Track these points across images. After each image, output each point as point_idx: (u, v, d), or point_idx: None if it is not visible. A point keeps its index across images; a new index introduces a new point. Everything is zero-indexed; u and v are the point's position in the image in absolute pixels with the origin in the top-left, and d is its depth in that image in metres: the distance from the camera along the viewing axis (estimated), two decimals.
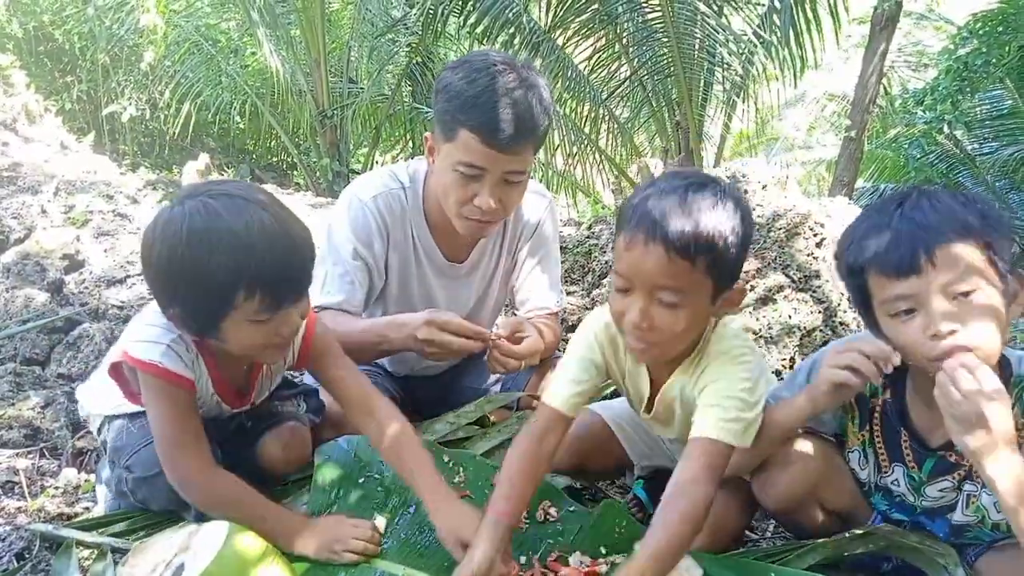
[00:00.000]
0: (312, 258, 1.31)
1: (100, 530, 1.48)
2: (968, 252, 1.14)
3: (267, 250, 1.20)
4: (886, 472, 1.37)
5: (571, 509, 1.51)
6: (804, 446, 1.39)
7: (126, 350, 1.37)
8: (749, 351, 1.32)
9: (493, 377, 1.98)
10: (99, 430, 1.59)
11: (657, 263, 1.16)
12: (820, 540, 1.40)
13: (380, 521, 1.44)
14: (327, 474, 1.54)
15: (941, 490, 1.31)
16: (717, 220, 1.17)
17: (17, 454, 1.89)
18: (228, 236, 1.19)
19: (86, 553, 1.44)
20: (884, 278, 1.18)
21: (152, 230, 1.24)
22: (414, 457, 1.40)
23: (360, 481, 1.53)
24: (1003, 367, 1.23)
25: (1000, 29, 7.25)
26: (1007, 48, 7.51)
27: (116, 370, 1.45)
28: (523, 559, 1.38)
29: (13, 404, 2.09)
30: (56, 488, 1.75)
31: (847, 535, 1.38)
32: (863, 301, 1.25)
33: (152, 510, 1.50)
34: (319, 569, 1.35)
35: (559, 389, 1.37)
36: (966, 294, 1.13)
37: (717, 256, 1.17)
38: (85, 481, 1.78)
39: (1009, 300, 1.17)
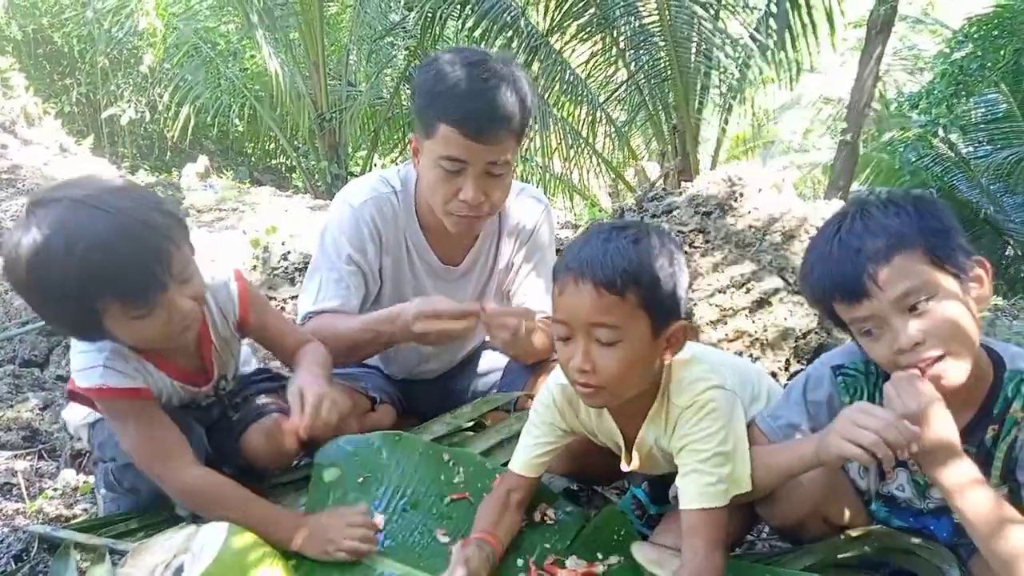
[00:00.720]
0: (168, 244, 1.22)
1: (99, 532, 1.48)
2: (909, 262, 1.16)
3: (106, 257, 1.15)
4: (890, 479, 1.37)
5: (568, 511, 1.52)
6: None
7: (73, 380, 1.38)
8: (713, 393, 1.29)
9: (491, 379, 1.99)
10: (88, 439, 1.61)
11: (589, 301, 1.18)
12: (815, 544, 1.40)
13: (379, 519, 1.45)
14: (327, 474, 1.54)
15: None
16: (640, 253, 1.19)
17: (16, 455, 1.90)
18: (63, 254, 1.14)
19: (84, 555, 1.43)
20: (842, 304, 1.22)
21: (2, 251, 1.23)
22: (303, 357, 1.55)
23: (359, 482, 1.53)
24: (996, 364, 1.25)
25: (995, 33, 7.29)
26: (1002, 52, 7.55)
27: (74, 396, 1.45)
28: (520, 562, 1.39)
29: (12, 406, 2.09)
30: (55, 490, 1.76)
31: (842, 537, 1.38)
32: (839, 322, 1.28)
33: (142, 499, 1.50)
34: (318, 571, 1.36)
35: (522, 454, 1.43)
36: (921, 303, 1.15)
37: (646, 288, 1.19)
38: (83, 483, 1.79)
39: (978, 284, 1.19)
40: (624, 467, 1.44)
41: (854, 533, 1.38)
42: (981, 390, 1.24)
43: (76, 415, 1.61)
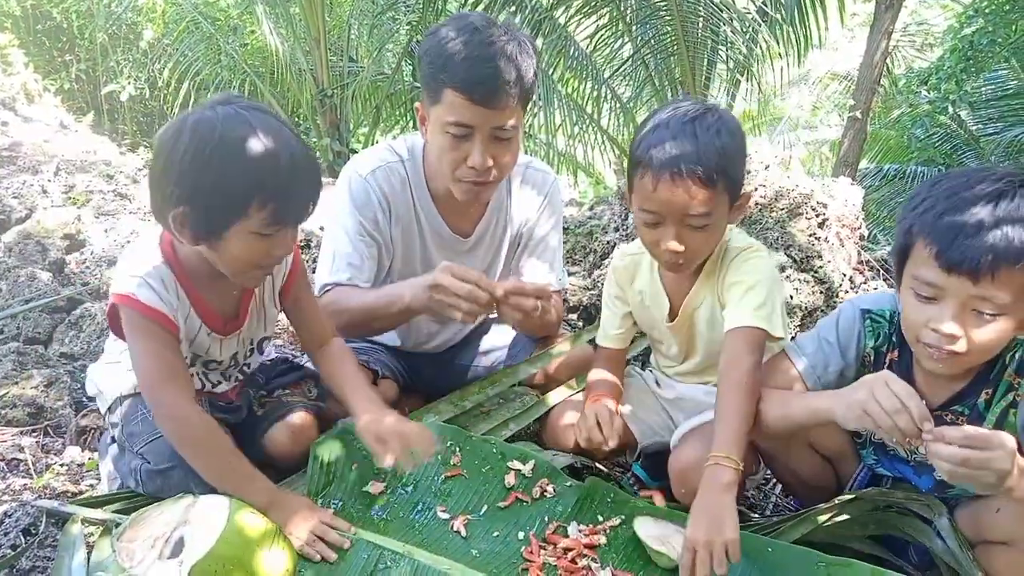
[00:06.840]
0: (319, 190, 1.34)
1: (104, 507, 1.50)
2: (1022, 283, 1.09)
3: (288, 168, 1.26)
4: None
5: (568, 485, 1.52)
6: (801, 385, 1.41)
7: (112, 296, 1.40)
8: (762, 250, 1.53)
9: (496, 355, 1.99)
10: (110, 408, 1.58)
11: (687, 196, 1.35)
12: (811, 509, 1.43)
13: (377, 486, 1.48)
14: (327, 454, 1.55)
15: None
16: (725, 144, 1.36)
17: (22, 432, 1.91)
18: (258, 147, 1.23)
19: (91, 529, 1.45)
20: (933, 262, 1.12)
21: (178, 129, 1.24)
22: (352, 380, 1.55)
23: (353, 467, 1.55)
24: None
25: (1007, 8, 7.12)
26: (1014, 27, 7.40)
27: (113, 318, 1.45)
28: (521, 535, 1.40)
29: (17, 383, 2.10)
30: (61, 466, 1.77)
31: (836, 502, 1.41)
32: (901, 258, 1.21)
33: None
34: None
35: (606, 330, 1.74)
36: (991, 315, 1.11)
37: (732, 175, 1.39)
38: (89, 459, 1.80)
39: None
40: (667, 326, 1.64)
41: (848, 497, 1.41)
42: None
43: (108, 380, 1.59)
